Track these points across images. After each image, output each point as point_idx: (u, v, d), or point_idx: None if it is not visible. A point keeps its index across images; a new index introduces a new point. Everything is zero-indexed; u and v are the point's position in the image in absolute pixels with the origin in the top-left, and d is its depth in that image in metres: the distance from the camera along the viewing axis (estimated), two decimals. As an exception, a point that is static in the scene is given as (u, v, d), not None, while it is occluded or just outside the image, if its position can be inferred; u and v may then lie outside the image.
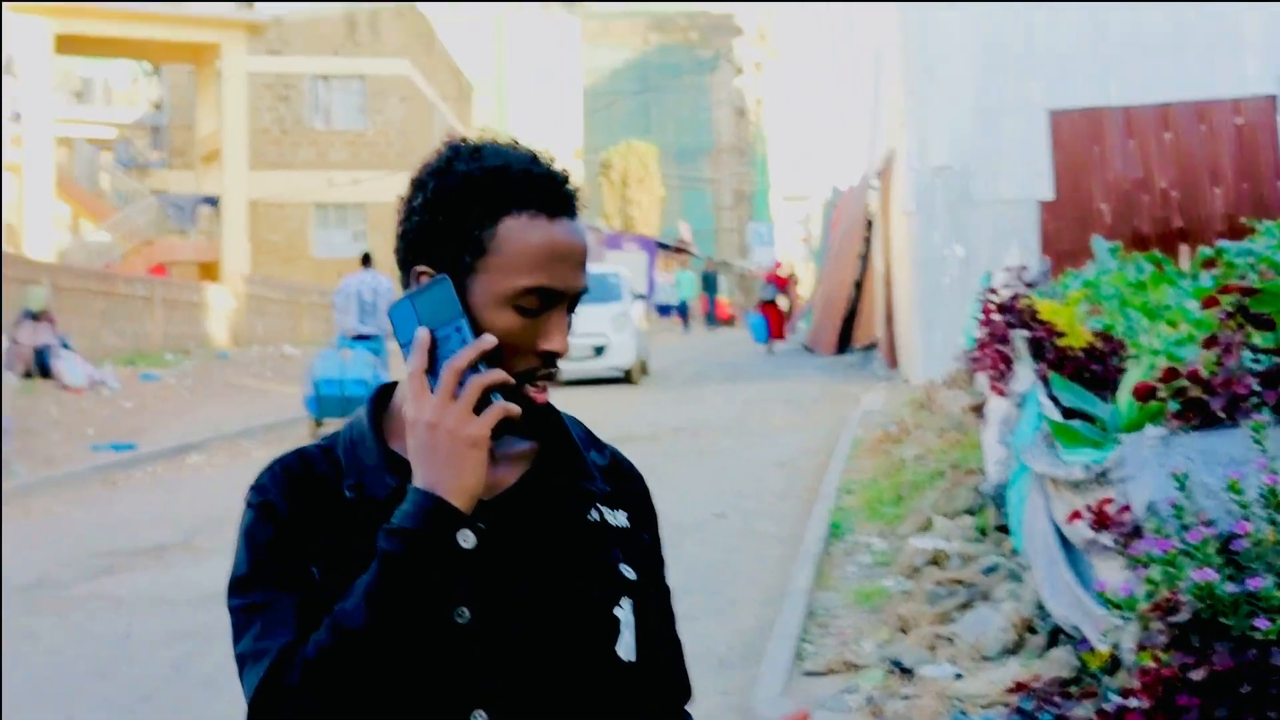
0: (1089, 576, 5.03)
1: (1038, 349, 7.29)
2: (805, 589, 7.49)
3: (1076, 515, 4.40)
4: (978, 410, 10.12)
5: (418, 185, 1.56)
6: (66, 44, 26.24)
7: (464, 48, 44.18)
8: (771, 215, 72.50)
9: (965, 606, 6.65)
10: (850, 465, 11.74)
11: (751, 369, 24.34)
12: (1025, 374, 7.23)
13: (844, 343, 26.38)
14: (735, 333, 38.17)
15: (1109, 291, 8.07)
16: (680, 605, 1.73)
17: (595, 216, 52.39)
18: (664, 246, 49.12)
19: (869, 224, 24.27)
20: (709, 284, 44.41)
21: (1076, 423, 5.73)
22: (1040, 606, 5.99)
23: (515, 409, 1.47)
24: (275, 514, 1.53)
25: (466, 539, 1.49)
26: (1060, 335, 7.15)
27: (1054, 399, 6.28)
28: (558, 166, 1.58)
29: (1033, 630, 6.01)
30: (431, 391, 1.46)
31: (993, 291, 9.11)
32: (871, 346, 24.35)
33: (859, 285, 25.49)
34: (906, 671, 5.92)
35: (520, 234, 1.51)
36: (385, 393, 1.64)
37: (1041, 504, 5.87)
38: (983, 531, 7.94)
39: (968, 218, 17.36)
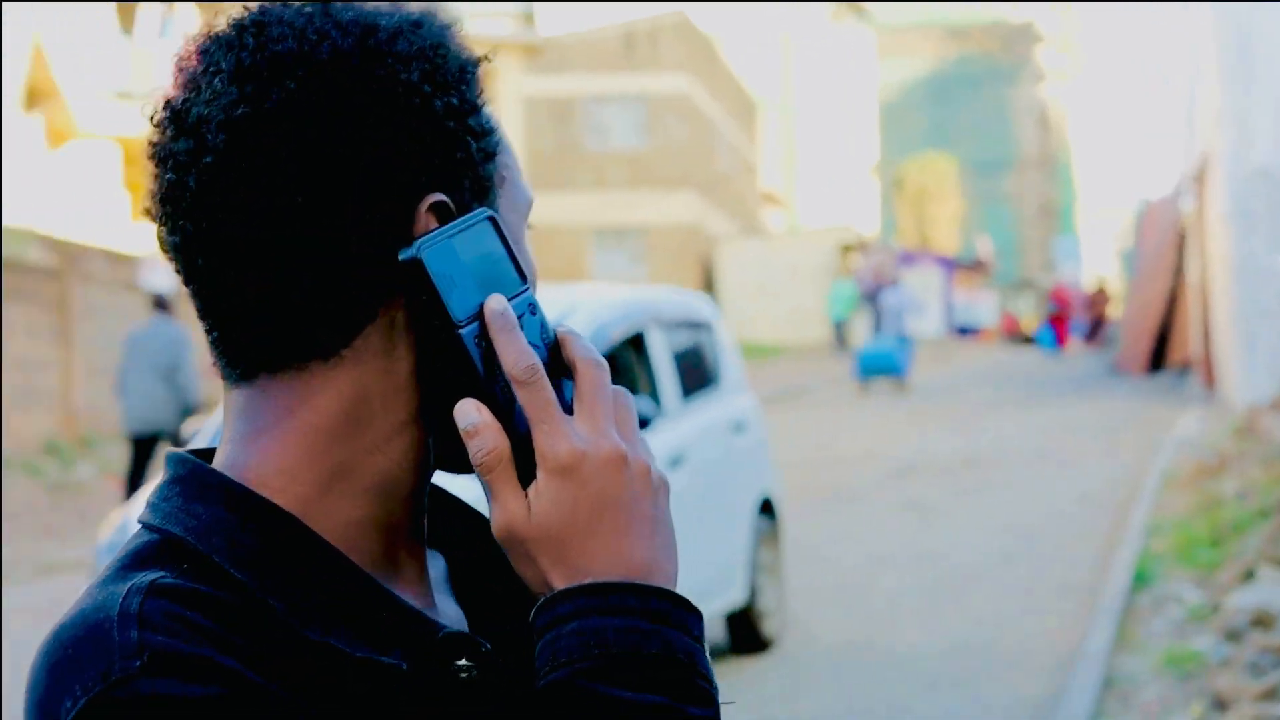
0: None
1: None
2: (1103, 651, 6.93)
3: None
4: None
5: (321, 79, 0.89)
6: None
7: (749, 63, 43.81)
8: (1078, 228, 70.15)
9: (1297, 681, 6.00)
10: (1160, 501, 11.05)
11: (1048, 389, 23.43)
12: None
13: (1156, 362, 25.64)
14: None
15: None
16: (957, 666, 1.01)
17: (890, 233, 51.39)
18: (961, 264, 47.62)
19: (1182, 234, 23.44)
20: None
21: None
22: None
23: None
24: (216, 672, 0.78)
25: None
26: None
27: None
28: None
29: (1386, 719, 5.35)
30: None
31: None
32: (1186, 366, 23.13)
33: (1172, 300, 24.74)
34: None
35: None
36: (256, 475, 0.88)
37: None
38: (1319, 586, 7.15)
39: (1294, 223, 16.44)
